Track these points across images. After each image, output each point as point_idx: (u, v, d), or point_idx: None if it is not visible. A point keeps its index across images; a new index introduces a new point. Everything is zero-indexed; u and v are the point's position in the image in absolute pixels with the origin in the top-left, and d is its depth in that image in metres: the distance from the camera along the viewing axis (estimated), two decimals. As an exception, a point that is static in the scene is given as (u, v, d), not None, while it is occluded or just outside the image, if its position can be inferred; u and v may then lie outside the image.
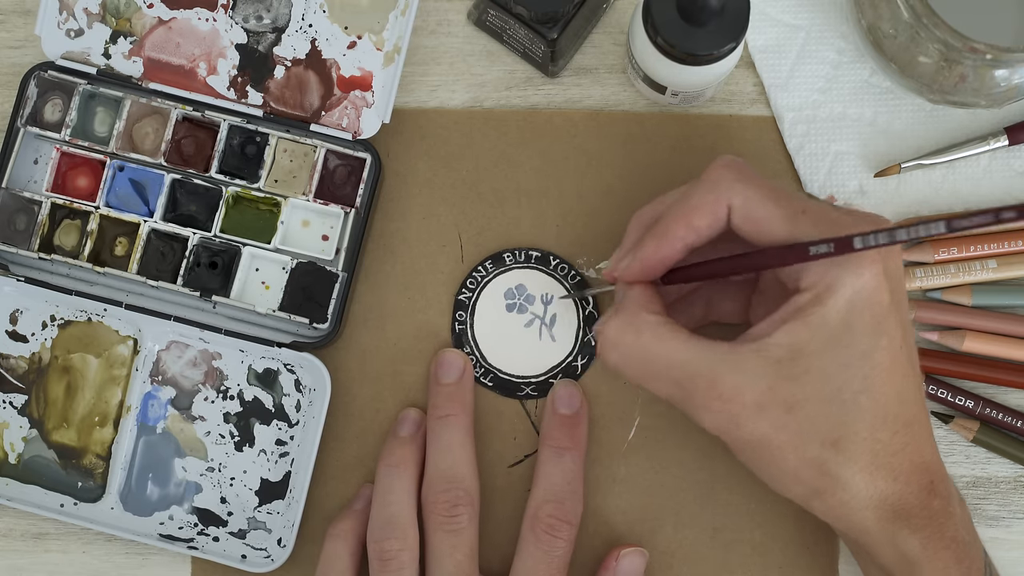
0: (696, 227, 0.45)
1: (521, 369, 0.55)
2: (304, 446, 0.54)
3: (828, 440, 0.43)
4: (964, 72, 0.51)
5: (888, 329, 0.43)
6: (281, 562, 0.53)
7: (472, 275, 0.55)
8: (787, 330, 0.43)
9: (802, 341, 0.42)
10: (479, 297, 0.55)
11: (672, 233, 0.46)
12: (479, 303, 0.55)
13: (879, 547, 0.45)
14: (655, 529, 0.54)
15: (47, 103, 0.56)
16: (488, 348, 0.55)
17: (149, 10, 0.55)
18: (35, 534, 0.56)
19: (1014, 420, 0.54)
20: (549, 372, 0.55)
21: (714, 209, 0.45)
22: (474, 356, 0.55)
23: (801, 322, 0.43)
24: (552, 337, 0.55)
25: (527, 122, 0.57)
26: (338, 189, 0.55)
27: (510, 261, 0.55)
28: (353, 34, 0.54)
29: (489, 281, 0.55)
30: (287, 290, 0.54)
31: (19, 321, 0.55)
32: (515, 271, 0.55)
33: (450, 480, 0.51)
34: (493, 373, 0.55)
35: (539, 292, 0.55)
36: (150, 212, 0.55)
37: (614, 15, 0.57)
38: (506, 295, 0.55)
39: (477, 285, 0.55)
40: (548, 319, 0.55)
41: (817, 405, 0.43)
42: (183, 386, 0.55)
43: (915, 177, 0.56)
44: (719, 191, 0.45)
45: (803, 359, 0.42)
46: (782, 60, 0.56)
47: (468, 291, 0.55)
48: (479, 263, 0.55)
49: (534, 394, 0.55)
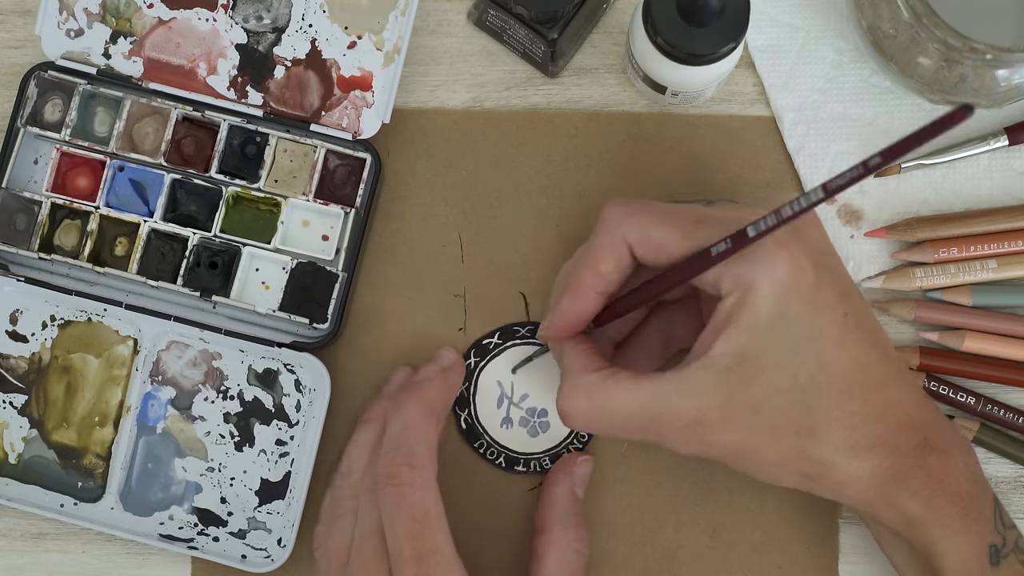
0: (603, 272, 0.46)
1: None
2: (304, 446, 0.54)
3: (802, 428, 0.43)
4: (964, 72, 0.51)
5: (825, 303, 0.43)
6: (281, 562, 0.53)
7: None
8: (725, 338, 0.43)
9: (742, 344, 0.43)
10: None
11: (583, 284, 0.47)
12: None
13: (882, 512, 0.45)
14: (655, 529, 0.54)
15: (47, 103, 0.55)
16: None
17: (149, 10, 0.55)
18: (35, 534, 0.56)
19: (1015, 417, 0.54)
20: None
21: (614, 250, 0.46)
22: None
23: (735, 327, 0.43)
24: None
25: (527, 122, 0.57)
26: (338, 189, 0.55)
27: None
28: (353, 34, 0.54)
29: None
30: (287, 290, 0.54)
31: (19, 321, 0.55)
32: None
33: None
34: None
35: None
36: (150, 212, 0.55)
37: (614, 15, 0.57)
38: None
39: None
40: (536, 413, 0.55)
41: (780, 397, 0.43)
42: (183, 386, 0.55)
43: (915, 177, 0.56)
44: (613, 232, 0.46)
45: (751, 361, 0.43)
46: (782, 60, 0.56)
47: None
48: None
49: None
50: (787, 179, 0.56)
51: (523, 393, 0.55)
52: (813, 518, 0.54)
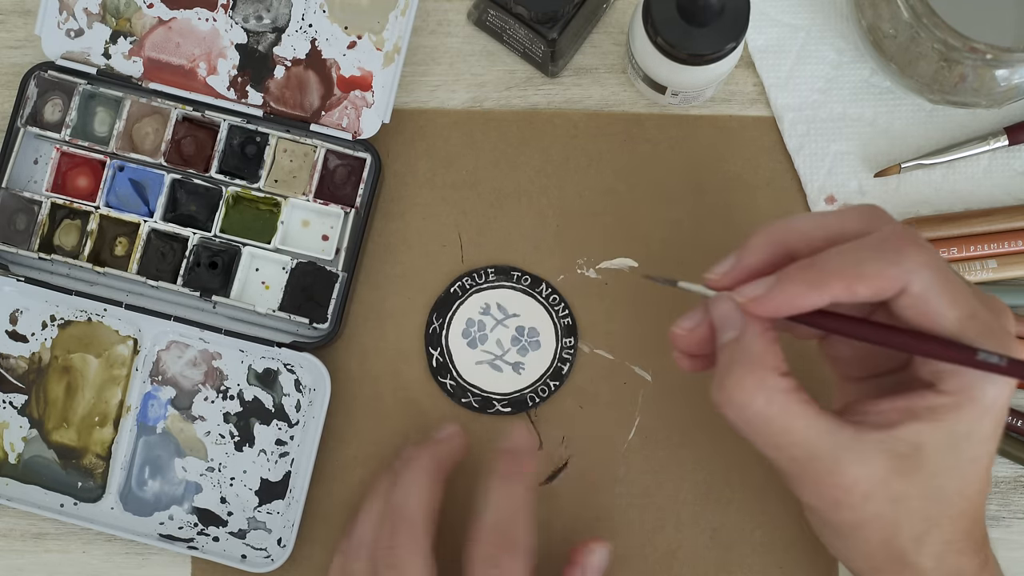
0: (856, 293, 0.42)
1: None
2: (304, 446, 0.54)
3: (915, 533, 0.43)
4: (964, 72, 0.51)
5: (996, 434, 0.43)
6: (281, 562, 0.53)
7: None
8: (916, 429, 0.42)
9: (925, 441, 0.42)
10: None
11: (828, 287, 0.42)
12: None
13: None
14: (655, 529, 0.54)
15: (47, 103, 0.55)
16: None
17: (149, 10, 0.55)
18: (35, 534, 0.56)
19: (1014, 420, 0.54)
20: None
21: (889, 285, 0.41)
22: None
23: (931, 423, 0.42)
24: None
25: (527, 122, 0.57)
26: (338, 189, 0.55)
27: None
28: (353, 34, 0.54)
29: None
30: (287, 290, 0.54)
31: (19, 321, 0.55)
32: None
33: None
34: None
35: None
36: (150, 212, 0.55)
37: (614, 15, 0.57)
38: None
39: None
40: (511, 352, 0.55)
41: (918, 501, 0.42)
42: (183, 386, 0.55)
43: (915, 177, 0.56)
44: (902, 268, 0.41)
45: (919, 456, 0.42)
46: (782, 60, 0.56)
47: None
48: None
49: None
50: (787, 179, 0.56)
51: None
52: (813, 518, 0.54)
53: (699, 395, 0.55)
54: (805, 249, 0.43)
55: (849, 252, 0.42)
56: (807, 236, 0.44)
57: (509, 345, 0.55)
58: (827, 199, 0.55)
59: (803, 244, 0.44)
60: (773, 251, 0.44)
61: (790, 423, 0.42)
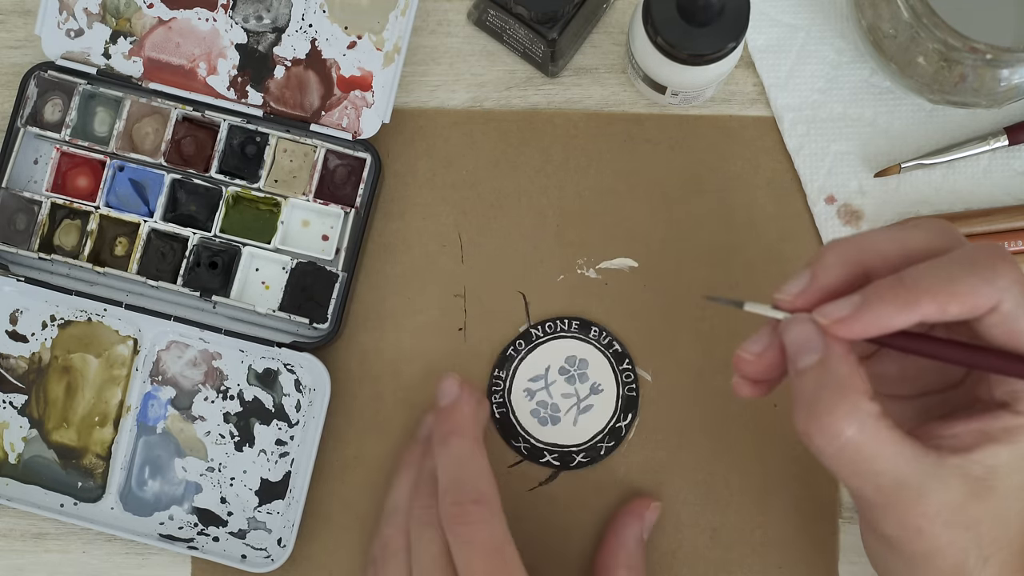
0: (948, 311, 0.40)
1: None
2: (304, 446, 0.54)
3: (984, 555, 0.42)
4: (964, 72, 0.51)
5: None
6: (281, 562, 0.53)
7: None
8: (992, 452, 0.41)
9: (1001, 463, 0.41)
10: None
11: (919, 307, 0.39)
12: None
13: None
14: (655, 529, 0.54)
15: (47, 103, 0.56)
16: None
17: (149, 10, 0.55)
18: (35, 534, 0.56)
19: None
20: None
21: (982, 303, 0.40)
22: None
23: (1009, 446, 0.41)
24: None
25: (527, 122, 0.57)
26: (338, 189, 0.55)
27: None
28: (353, 34, 0.54)
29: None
30: (287, 290, 0.54)
31: (19, 321, 0.55)
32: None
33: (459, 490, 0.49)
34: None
35: None
36: (150, 212, 0.55)
37: (614, 15, 0.57)
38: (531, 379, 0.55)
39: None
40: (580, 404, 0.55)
41: (988, 525, 0.42)
42: (183, 386, 0.55)
43: (915, 177, 0.56)
44: (995, 286, 0.40)
45: (993, 479, 0.41)
46: (782, 60, 0.56)
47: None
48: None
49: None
50: (787, 179, 0.56)
51: None
52: (813, 518, 0.54)
53: (699, 395, 0.55)
54: (882, 267, 0.41)
55: (941, 269, 0.40)
56: (883, 253, 0.42)
57: None
58: (827, 199, 0.55)
59: (879, 262, 0.42)
60: (849, 270, 0.42)
61: (880, 450, 0.40)
